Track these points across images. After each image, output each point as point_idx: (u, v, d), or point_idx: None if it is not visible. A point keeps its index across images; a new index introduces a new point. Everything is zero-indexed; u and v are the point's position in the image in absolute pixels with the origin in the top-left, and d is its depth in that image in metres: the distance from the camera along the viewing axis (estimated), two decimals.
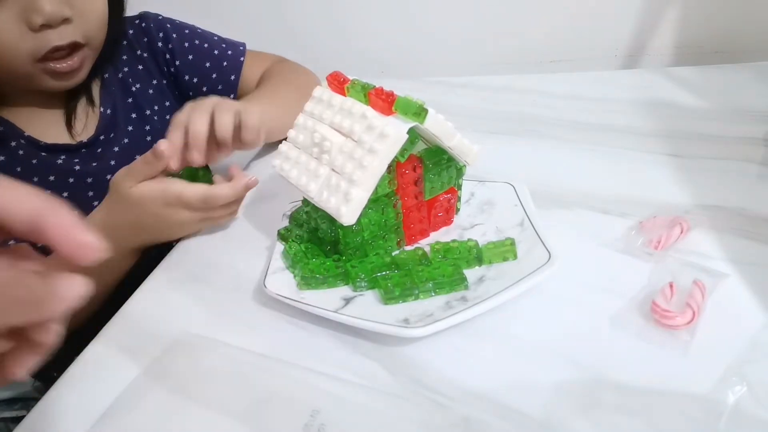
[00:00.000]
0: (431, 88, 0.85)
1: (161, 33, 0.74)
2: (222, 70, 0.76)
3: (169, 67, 0.75)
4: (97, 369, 0.41)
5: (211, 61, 0.76)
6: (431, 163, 0.46)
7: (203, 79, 0.76)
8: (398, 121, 0.41)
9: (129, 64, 0.72)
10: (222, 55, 0.77)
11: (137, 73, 0.73)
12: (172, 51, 0.74)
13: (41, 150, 0.63)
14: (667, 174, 0.56)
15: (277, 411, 0.35)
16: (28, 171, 0.62)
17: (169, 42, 0.74)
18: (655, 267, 0.43)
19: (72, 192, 0.64)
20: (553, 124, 0.69)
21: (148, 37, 0.74)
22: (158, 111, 0.74)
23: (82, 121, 0.66)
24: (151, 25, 0.74)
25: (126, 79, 0.71)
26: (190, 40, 0.75)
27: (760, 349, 0.36)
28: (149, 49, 0.74)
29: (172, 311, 0.46)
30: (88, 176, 0.65)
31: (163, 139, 0.50)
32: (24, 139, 0.62)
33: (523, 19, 0.96)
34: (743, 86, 0.73)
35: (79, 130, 0.66)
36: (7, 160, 0.61)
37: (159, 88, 0.74)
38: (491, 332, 0.40)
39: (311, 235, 0.48)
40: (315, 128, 0.45)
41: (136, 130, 0.71)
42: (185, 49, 0.75)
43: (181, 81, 0.76)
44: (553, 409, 0.34)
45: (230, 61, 0.77)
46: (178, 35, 0.75)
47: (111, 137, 0.68)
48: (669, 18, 0.90)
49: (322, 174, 0.43)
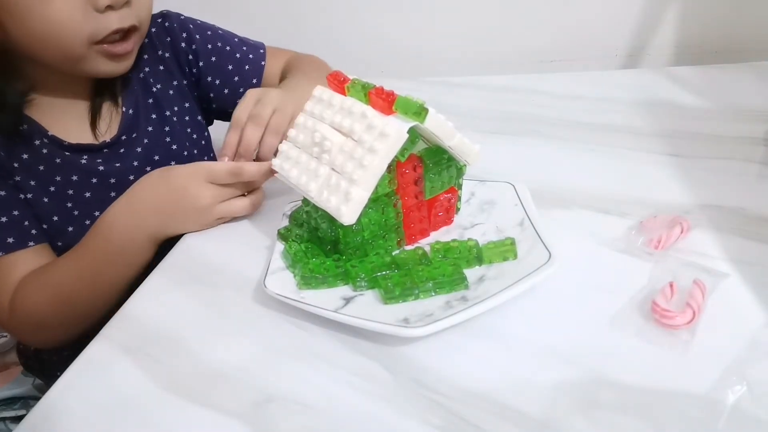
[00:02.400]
0: (431, 88, 0.85)
1: (184, 33, 0.74)
2: (244, 73, 0.77)
3: (192, 67, 0.75)
4: (97, 369, 0.41)
5: (233, 64, 0.76)
6: (431, 162, 0.46)
7: (225, 82, 0.76)
8: (398, 120, 0.41)
9: (150, 64, 0.72)
10: (244, 58, 0.77)
11: (158, 73, 0.73)
12: (195, 52, 0.74)
13: (65, 149, 0.64)
14: (668, 174, 0.56)
15: (277, 411, 0.35)
16: (52, 170, 0.63)
17: (193, 43, 0.74)
18: (655, 267, 0.43)
19: (94, 192, 0.65)
20: (553, 124, 0.69)
21: (171, 36, 0.74)
22: (178, 112, 0.73)
23: (106, 121, 0.67)
24: (175, 24, 0.74)
25: (147, 79, 0.71)
26: (213, 42, 0.76)
27: (760, 348, 0.36)
28: (172, 49, 0.74)
29: (172, 311, 0.46)
30: (111, 176, 0.66)
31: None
32: (47, 138, 0.63)
33: (523, 19, 0.96)
34: (743, 86, 0.73)
35: (103, 130, 0.66)
36: (31, 158, 0.62)
37: (179, 88, 0.74)
38: (491, 332, 0.40)
39: (311, 234, 0.48)
40: (315, 128, 0.45)
41: (156, 130, 0.71)
42: (209, 51, 0.75)
43: (204, 82, 0.76)
44: (553, 408, 0.33)
45: (252, 65, 0.77)
46: (201, 36, 0.75)
47: (133, 137, 0.68)
48: (669, 18, 0.91)
49: (322, 173, 0.43)
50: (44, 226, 0.62)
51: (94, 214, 0.64)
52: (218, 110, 0.79)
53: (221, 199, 0.54)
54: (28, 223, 0.60)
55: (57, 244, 0.63)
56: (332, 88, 0.46)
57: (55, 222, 0.63)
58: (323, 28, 1.07)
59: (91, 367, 0.42)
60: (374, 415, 0.34)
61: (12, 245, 0.58)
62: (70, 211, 0.64)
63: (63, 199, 0.64)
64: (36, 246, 0.60)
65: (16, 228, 0.59)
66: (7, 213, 0.59)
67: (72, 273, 0.57)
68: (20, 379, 0.82)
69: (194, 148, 0.74)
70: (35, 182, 0.62)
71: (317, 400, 0.36)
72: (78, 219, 0.64)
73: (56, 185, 0.63)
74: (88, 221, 0.64)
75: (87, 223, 0.63)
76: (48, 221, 0.63)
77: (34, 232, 0.60)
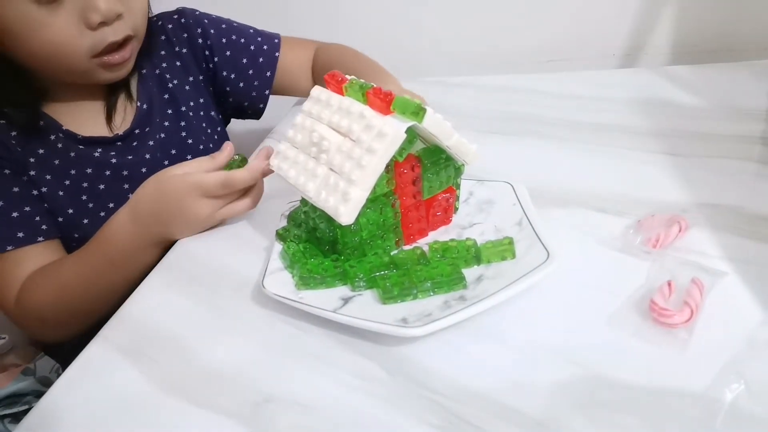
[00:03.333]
0: (429, 88, 0.85)
1: (199, 29, 0.75)
2: (258, 66, 0.77)
3: (208, 63, 0.76)
4: (96, 369, 0.41)
5: (247, 57, 0.77)
6: (429, 162, 0.46)
7: (240, 75, 0.77)
8: (396, 120, 0.41)
9: (167, 60, 0.73)
10: (258, 50, 0.77)
11: (175, 69, 0.74)
12: (210, 47, 0.75)
13: (79, 143, 0.65)
14: (665, 172, 0.56)
15: (275, 411, 0.35)
16: (66, 163, 0.64)
17: (208, 38, 0.75)
18: (653, 265, 0.43)
19: (108, 184, 0.66)
20: (550, 124, 0.69)
21: (188, 32, 0.74)
22: (193, 107, 0.74)
23: (120, 115, 0.68)
24: (190, 21, 0.75)
25: (163, 74, 0.72)
26: (228, 36, 0.76)
27: (757, 347, 0.36)
28: (189, 45, 0.75)
29: (171, 311, 0.46)
30: (124, 169, 0.67)
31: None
32: (62, 133, 0.64)
33: (520, 18, 0.96)
34: (740, 85, 0.73)
35: (118, 124, 0.68)
36: (46, 152, 0.63)
37: (195, 84, 0.75)
38: (490, 331, 0.40)
39: (309, 234, 0.48)
40: (313, 128, 0.45)
41: (171, 125, 0.72)
42: (223, 45, 0.76)
43: (219, 77, 0.77)
44: (552, 407, 0.34)
45: (266, 57, 0.77)
46: (216, 31, 0.76)
47: (146, 131, 0.69)
48: (666, 17, 0.91)
49: (320, 173, 0.43)
50: (59, 219, 0.64)
51: (108, 206, 0.65)
52: (234, 105, 0.80)
53: (219, 208, 0.54)
54: (40, 218, 0.61)
55: (73, 236, 0.64)
56: (330, 88, 0.46)
57: (71, 215, 0.64)
58: (322, 28, 1.07)
59: (90, 368, 0.42)
60: (373, 415, 0.34)
61: (22, 240, 0.59)
62: (85, 204, 0.65)
63: (78, 193, 0.65)
64: (45, 242, 0.61)
65: (27, 223, 0.60)
66: (19, 208, 0.60)
67: (77, 275, 0.57)
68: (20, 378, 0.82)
69: (210, 143, 0.75)
70: (50, 176, 0.63)
71: (316, 400, 0.36)
72: (93, 211, 0.65)
73: (71, 179, 0.64)
74: (103, 213, 0.65)
75: (102, 215, 0.65)
76: (63, 214, 0.64)
77: (45, 227, 0.61)
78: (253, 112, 0.82)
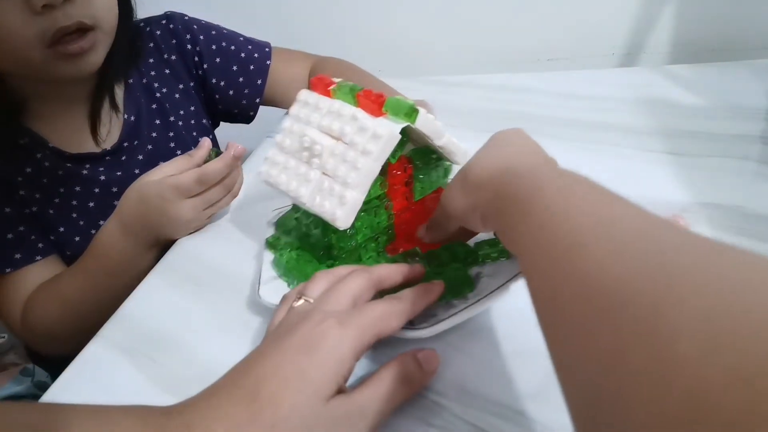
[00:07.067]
0: (427, 87, 0.85)
1: (188, 35, 0.73)
2: (249, 74, 0.76)
3: (198, 69, 0.74)
4: (95, 369, 0.42)
5: (237, 65, 0.75)
6: (421, 163, 0.45)
7: (230, 83, 0.76)
8: (389, 121, 0.41)
9: (155, 67, 0.71)
10: (249, 58, 0.76)
11: (164, 77, 0.72)
12: (200, 53, 0.73)
13: (66, 161, 0.63)
14: (665, 172, 0.56)
15: None
16: (55, 182, 0.63)
17: (197, 44, 0.73)
18: None
19: (98, 202, 0.65)
20: (549, 123, 0.69)
21: (177, 38, 0.72)
22: (183, 116, 0.73)
23: (106, 127, 0.66)
24: (179, 26, 0.73)
25: (151, 84, 0.70)
26: (217, 42, 0.74)
27: None
28: (178, 52, 0.73)
29: (169, 312, 0.46)
30: (113, 185, 0.65)
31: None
32: (49, 150, 0.62)
33: (519, 17, 0.96)
34: (740, 84, 0.72)
35: (104, 136, 0.66)
36: (34, 171, 0.62)
37: (186, 91, 0.73)
38: (489, 332, 0.39)
39: (302, 241, 0.47)
40: (303, 132, 0.44)
41: (159, 136, 0.70)
42: (213, 52, 0.74)
43: (208, 84, 0.75)
44: (552, 407, 0.33)
45: (257, 65, 0.76)
46: (205, 37, 0.74)
47: (135, 144, 0.68)
48: (665, 16, 0.90)
49: (313, 178, 0.42)
50: (51, 238, 0.63)
51: (99, 223, 0.64)
52: (224, 112, 0.79)
53: (203, 205, 0.54)
54: (35, 237, 0.61)
55: (66, 254, 0.63)
56: (317, 92, 0.45)
57: (62, 233, 0.63)
58: (321, 28, 1.07)
59: (88, 368, 0.42)
60: None
61: (19, 261, 0.59)
62: (76, 222, 0.64)
63: (68, 210, 0.64)
64: (43, 260, 0.60)
65: (22, 244, 0.59)
66: (13, 230, 0.59)
67: (78, 290, 0.57)
68: (19, 379, 0.82)
69: None
70: (40, 195, 0.62)
71: None
72: (84, 229, 0.64)
73: (60, 197, 0.63)
74: (94, 230, 0.64)
75: (93, 233, 0.63)
76: (54, 232, 0.63)
77: (41, 245, 0.61)
78: (243, 119, 0.81)
